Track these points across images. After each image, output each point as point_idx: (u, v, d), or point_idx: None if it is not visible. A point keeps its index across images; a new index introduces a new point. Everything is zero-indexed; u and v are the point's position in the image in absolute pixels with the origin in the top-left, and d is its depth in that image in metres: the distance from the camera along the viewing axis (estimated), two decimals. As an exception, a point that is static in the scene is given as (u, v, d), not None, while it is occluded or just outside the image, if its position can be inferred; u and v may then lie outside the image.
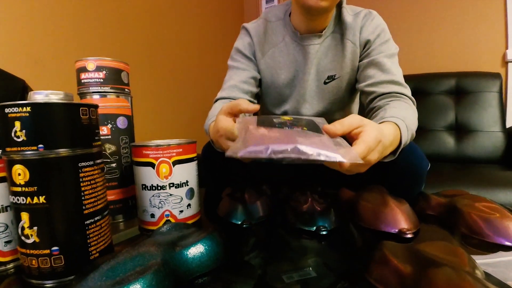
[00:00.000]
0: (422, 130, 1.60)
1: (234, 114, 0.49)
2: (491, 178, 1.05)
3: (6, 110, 0.35)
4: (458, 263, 0.32)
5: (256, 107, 0.47)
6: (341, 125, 0.44)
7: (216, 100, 0.90)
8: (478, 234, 0.45)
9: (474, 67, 1.68)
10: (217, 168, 0.93)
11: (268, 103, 0.97)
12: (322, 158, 0.35)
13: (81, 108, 0.38)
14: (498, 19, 1.65)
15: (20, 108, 0.34)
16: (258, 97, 0.97)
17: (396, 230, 0.47)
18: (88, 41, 1.37)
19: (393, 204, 0.51)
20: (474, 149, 1.51)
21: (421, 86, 1.68)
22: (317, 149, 0.35)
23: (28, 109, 0.34)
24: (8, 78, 0.72)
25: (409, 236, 0.45)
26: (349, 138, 0.46)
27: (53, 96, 0.38)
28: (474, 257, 0.38)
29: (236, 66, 0.91)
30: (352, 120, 0.45)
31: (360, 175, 0.48)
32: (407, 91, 0.75)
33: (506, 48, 1.64)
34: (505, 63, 1.65)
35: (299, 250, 0.48)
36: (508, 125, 1.56)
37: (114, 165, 0.59)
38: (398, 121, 0.58)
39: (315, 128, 0.43)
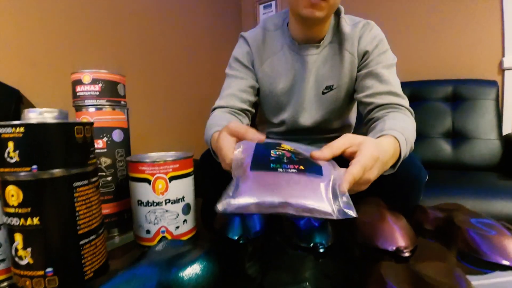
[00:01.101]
0: (419, 137, 1.60)
1: (237, 137, 0.49)
2: (488, 188, 1.05)
3: (-1, 131, 0.34)
4: (455, 286, 0.31)
5: (262, 138, 0.46)
6: (330, 149, 0.44)
7: (214, 109, 0.89)
8: (475, 252, 0.45)
9: (470, 75, 1.69)
10: (215, 176, 0.92)
11: (266, 111, 0.97)
12: (312, 214, 0.34)
13: (76, 127, 0.38)
14: (494, 27, 1.66)
15: (14, 129, 0.34)
16: (256, 105, 0.96)
17: (394, 248, 0.46)
18: (84, 48, 1.36)
19: (391, 220, 0.51)
20: (471, 156, 1.51)
21: (418, 93, 1.69)
22: (307, 204, 0.34)
23: (22, 129, 0.34)
24: (2, 88, 0.72)
25: (406, 255, 0.45)
26: (346, 158, 0.46)
27: (47, 114, 0.38)
28: (471, 276, 0.38)
29: (235, 75, 0.90)
30: (342, 141, 0.45)
31: None
32: (405, 102, 0.76)
33: (503, 55, 1.65)
34: (502, 70, 1.66)
35: (296, 266, 0.47)
36: (504, 133, 1.56)
37: (109, 178, 0.59)
38: (397, 134, 0.58)
39: (313, 168, 0.41)
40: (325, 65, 0.85)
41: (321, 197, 0.35)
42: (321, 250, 0.49)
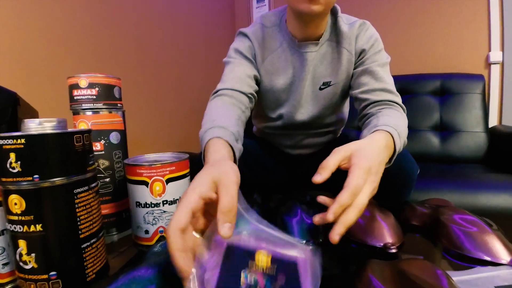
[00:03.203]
0: (408, 130, 1.63)
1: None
2: (474, 181, 1.09)
3: (1, 142, 0.35)
4: (438, 286, 0.34)
5: (229, 234, 0.34)
6: (326, 170, 0.45)
7: (216, 92, 0.80)
8: (459, 248, 0.47)
9: (458, 69, 1.72)
10: None
11: (264, 106, 0.97)
12: None
13: (75, 136, 0.39)
14: (481, 22, 1.69)
15: (15, 140, 0.35)
16: (255, 98, 0.94)
17: (382, 244, 0.49)
18: (79, 49, 1.34)
19: (379, 217, 0.53)
20: (458, 149, 1.55)
21: (407, 87, 1.72)
22: None
23: (23, 140, 0.35)
24: (-1, 90, 0.71)
25: (393, 251, 0.47)
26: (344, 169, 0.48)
27: (47, 124, 0.39)
28: (455, 272, 0.41)
29: (237, 63, 0.85)
30: (335, 158, 0.47)
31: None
32: (398, 99, 0.78)
33: (489, 50, 1.69)
34: (488, 65, 1.70)
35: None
36: (490, 125, 1.61)
37: (107, 180, 0.60)
38: (391, 129, 0.61)
39: None
40: (323, 62, 0.86)
41: None
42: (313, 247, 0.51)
